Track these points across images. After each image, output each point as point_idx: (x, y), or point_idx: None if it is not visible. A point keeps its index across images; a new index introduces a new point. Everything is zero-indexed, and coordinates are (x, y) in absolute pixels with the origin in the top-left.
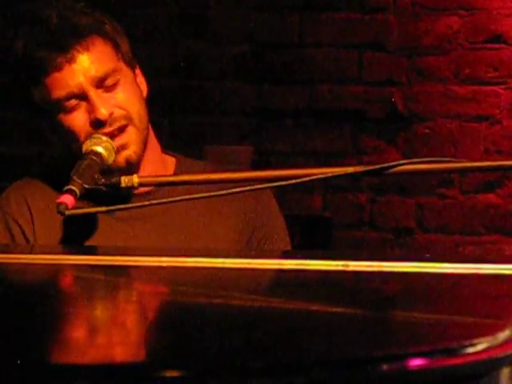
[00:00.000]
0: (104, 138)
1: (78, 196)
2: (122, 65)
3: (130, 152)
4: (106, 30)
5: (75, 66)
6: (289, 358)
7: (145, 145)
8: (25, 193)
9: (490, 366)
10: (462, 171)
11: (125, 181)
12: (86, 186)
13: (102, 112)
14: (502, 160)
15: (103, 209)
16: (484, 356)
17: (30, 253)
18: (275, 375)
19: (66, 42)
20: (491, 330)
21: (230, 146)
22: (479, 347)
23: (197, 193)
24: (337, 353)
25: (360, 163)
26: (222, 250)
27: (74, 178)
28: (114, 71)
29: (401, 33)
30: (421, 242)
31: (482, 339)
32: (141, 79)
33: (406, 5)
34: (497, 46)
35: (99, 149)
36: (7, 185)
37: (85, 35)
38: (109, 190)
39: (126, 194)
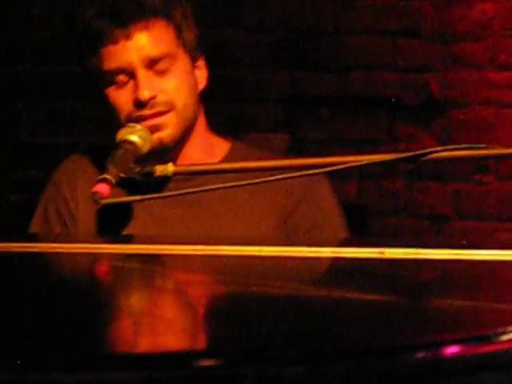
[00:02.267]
0: (139, 127)
1: (113, 185)
2: (180, 52)
3: (164, 134)
4: (173, 13)
5: (130, 43)
6: (328, 347)
7: (186, 133)
8: (75, 170)
9: None
10: (498, 158)
11: (159, 169)
12: (121, 174)
13: (145, 94)
14: None
15: (138, 197)
16: None
17: (72, 242)
18: (316, 363)
19: (127, 18)
20: None
21: (266, 134)
22: None
23: (237, 180)
24: (373, 341)
25: (395, 150)
26: (259, 238)
27: (109, 166)
28: (169, 56)
29: (435, 19)
30: (457, 229)
31: None
32: (202, 71)
33: None
34: None
35: (134, 137)
36: (45, 174)
37: (148, 15)
38: (144, 178)
39: (166, 178)
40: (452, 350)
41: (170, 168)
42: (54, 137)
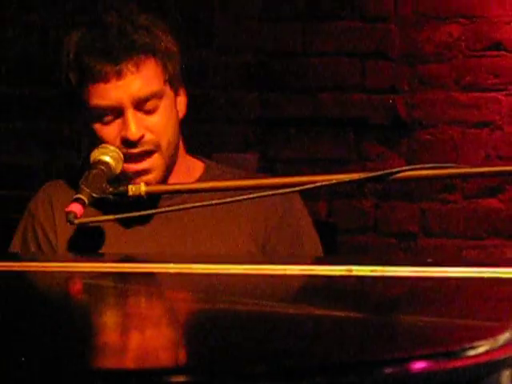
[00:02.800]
0: (112, 148)
1: (86, 204)
2: (166, 88)
3: (150, 177)
4: (161, 49)
5: (121, 83)
6: (295, 363)
7: (168, 170)
8: (51, 198)
9: (490, 368)
10: (464, 177)
11: (132, 189)
12: (94, 194)
13: (134, 133)
14: (503, 165)
15: (111, 217)
16: (485, 358)
17: (50, 261)
18: (285, 379)
19: (118, 56)
20: (492, 333)
21: (236, 154)
22: (480, 350)
23: (212, 199)
24: (341, 357)
25: (364, 170)
26: (231, 256)
27: (82, 186)
28: (157, 95)
29: (402, 41)
30: (424, 247)
31: (482, 342)
32: (182, 99)
33: (407, 13)
34: (497, 53)
35: (107, 158)
36: (14, 193)
37: (139, 53)
38: (117, 198)
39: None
40: (419, 365)
41: (142, 188)
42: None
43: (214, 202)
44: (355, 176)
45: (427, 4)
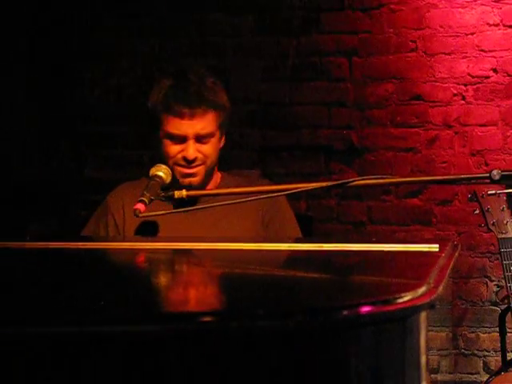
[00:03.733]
0: (163, 166)
1: (147, 204)
2: (217, 132)
3: (194, 180)
4: (220, 105)
5: (190, 122)
6: (283, 308)
7: (207, 179)
8: (123, 194)
9: (412, 311)
10: (396, 184)
11: (177, 194)
12: (152, 197)
13: (191, 155)
14: (422, 177)
15: (162, 212)
16: (409, 304)
17: (119, 241)
18: (278, 318)
19: (193, 104)
20: (413, 287)
21: (245, 170)
22: (406, 298)
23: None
24: (314, 303)
25: (330, 180)
26: (244, 238)
27: (144, 192)
28: (210, 135)
29: (355, 94)
30: (370, 231)
31: (407, 293)
32: (223, 137)
33: (358, 76)
34: (417, 102)
35: (160, 173)
36: (100, 198)
37: (206, 106)
38: (167, 199)
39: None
40: (366, 309)
41: (183, 193)
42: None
43: (231, 201)
44: (324, 184)
45: (371, 70)
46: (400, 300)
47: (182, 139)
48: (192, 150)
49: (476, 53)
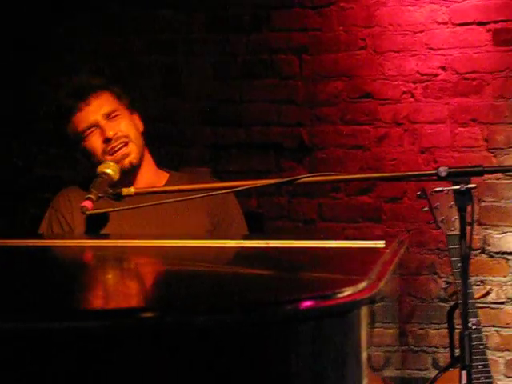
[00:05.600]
0: (112, 163)
1: (94, 201)
2: (122, 107)
3: (131, 158)
4: (110, 87)
5: (90, 107)
6: (224, 303)
7: (141, 158)
8: (69, 195)
9: (352, 305)
10: (345, 181)
11: (125, 191)
12: (100, 195)
13: (109, 133)
14: (371, 173)
15: (110, 209)
16: (348, 299)
17: (68, 239)
18: (217, 313)
19: (84, 93)
20: (354, 283)
21: (196, 168)
22: (345, 293)
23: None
24: (260, 298)
25: (281, 178)
26: (192, 235)
27: (92, 189)
28: (116, 110)
29: (305, 92)
30: (320, 228)
31: (347, 288)
32: (138, 121)
33: (308, 73)
34: (367, 100)
35: (108, 170)
36: (50, 196)
37: (97, 89)
38: (115, 197)
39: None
40: (307, 303)
41: (132, 190)
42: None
43: (179, 199)
44: (273, 181)
45: (321, 67)
46: (340, 295)
47: (94, 128)
48: (107, 127)
49: (425, 51)
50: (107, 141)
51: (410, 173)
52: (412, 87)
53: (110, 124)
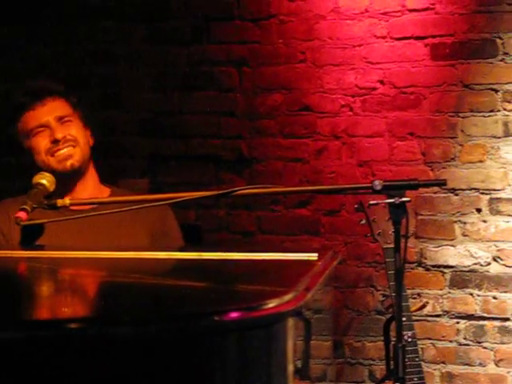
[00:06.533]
0: (47, 174)
1: (29, 212)
2: (75, 116)
3: (73, 161)
4: (68, 96)
5: (45, 107)
6: (156, 314)
7: (85, 167)
8: (7, 208)
9: (277, 317)
10: (284, 193)
11: (60, 202)
12: (34, 205)
13: (58, 134)
14: (310, 186)
15: (44, 220)
16: (273, 311)
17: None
18: (142, 324)
19: (41, 94)
20: (279, 294)
21: (134, 179)
22: (270, 305)
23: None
24: (192, 309)
25: (219, 190)
26: (129, 246)
27: (26, 200)
28: (70, 116)
29: (245, 104)
30: (259, 241)
31: (273, 300)
32: (88, 133)
33: (248, 86)
34: (306, 113)
35: (43, 181)
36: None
37: (54, 94)
38: (50, 208)
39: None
40: (233, 315)
41: (67, 201)
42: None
43: (116, 210)
44: (209, 193)
45: (261, 80)
46: (265, 306)
47: (44, 128)
48: (58, 129)
49: (363, 64)
50: (55, 142)
51: (346, 186)
52: (351, 100)
53: (60, 127)
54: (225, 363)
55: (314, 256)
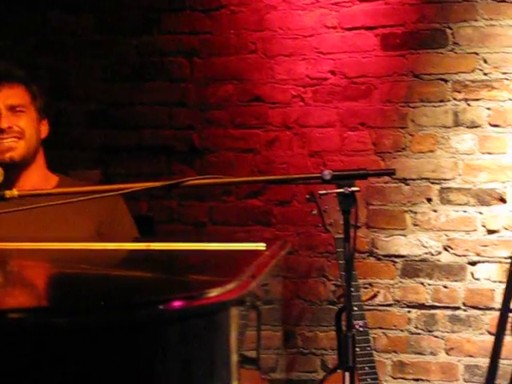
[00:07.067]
0: None
1: None
2: (31, 107)
3: (14, 154)
4: (30, 85)
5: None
6: (106, 304)
7: (30, 159)
8: None
9: (219, 306)
10: (235, 184)
11: (8, 193)
12: None
13: (4, 124)
14: (260, 177)
15: None
16: (215, 300)
17: None
18: (71, 315)
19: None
20: (222, 283)
21: (85, 170)
22: (212, 294)
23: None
24: (139, 299)
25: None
26: (77, 237)
27: None
28: (24, 106)
29: (196, 95)
30: (211, 232)
31: (214, 289)
32: (44, 127)
33: (199, 76)
34: (257, 103)
35: None
36: None
37: (13, 80)
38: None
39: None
40: (176, 303)
41: (15, 192)
42: None
43: (66, 201)
44: (160, 184)
45: (212, 70)
46: (207, 295)
47: None
48: (6, 118)
49: (314, 55)
50: (0, 131)
51: (295, 176)
52: (302, 91)
53: (10, 116)
54: (167, 353)
55: (262, 246)
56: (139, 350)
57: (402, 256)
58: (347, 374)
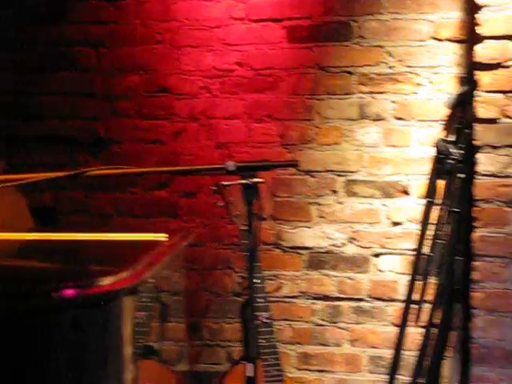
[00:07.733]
0: None
1: None
2: None
3: None
4: None
5: None
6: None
7: None
8: None
9: (113, 294)
10: (137, 175)
11: None
12: None
13: None
14: (166, 167)
15: None
16: (109, 288)
17: None
18: None
19: None
20: (115, 272)
21: None
22: (105, 282)
23: None
24: (14, 288)
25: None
26: None
27: None
28: None
29: (102, 85)
30: (117, 223)
31: (108, 277)
32: None
33: (106, 67)
34: (163, 94)
35: None
36: None
37: None
38: None
39: None
40: (68, 292)
41: None
42: None
43: None
44: (62, 174)
45: (118, 61)
46: (98, 284)
47: None
48: None
49: (221, 46)
50: None
51: (200, 167)
52: (209, 82)
53: None
54: (59, 340)
55: (163, 236)
56: (33, 336)
57: (308, 248)
58: (250, 365)
